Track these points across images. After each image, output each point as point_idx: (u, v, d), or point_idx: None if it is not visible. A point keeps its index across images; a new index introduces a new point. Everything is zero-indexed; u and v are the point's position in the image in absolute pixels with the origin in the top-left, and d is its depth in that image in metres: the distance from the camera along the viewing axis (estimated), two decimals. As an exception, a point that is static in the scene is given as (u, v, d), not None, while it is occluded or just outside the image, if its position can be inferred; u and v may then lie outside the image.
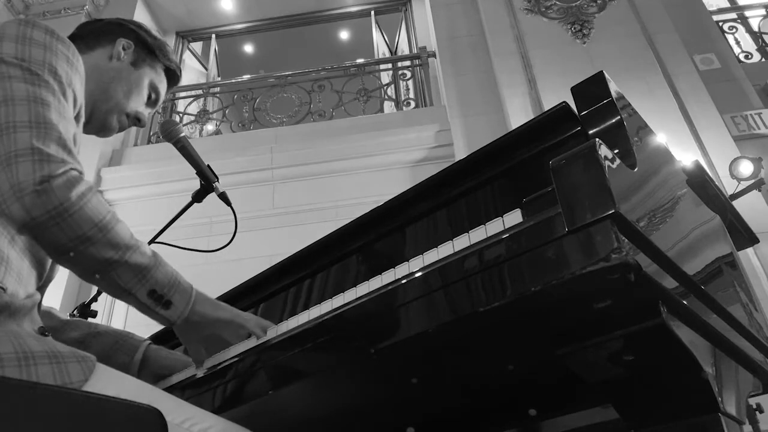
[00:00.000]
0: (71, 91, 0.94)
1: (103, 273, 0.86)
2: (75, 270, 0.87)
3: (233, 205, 1.40)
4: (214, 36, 6.36)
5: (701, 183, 1.13)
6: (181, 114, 5.35)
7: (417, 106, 5.06)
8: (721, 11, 5.38)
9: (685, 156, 3.37)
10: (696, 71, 4.32)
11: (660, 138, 1.05)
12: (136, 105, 1.17)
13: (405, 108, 5.05)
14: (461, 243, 0.79)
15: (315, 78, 5.29)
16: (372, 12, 6.17)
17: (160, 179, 4.45)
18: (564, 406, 1.05)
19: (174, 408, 0.79)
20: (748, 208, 3.14)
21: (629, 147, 0.81)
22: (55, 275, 0.99)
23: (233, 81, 5.61)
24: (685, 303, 0.71)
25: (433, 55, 5.20)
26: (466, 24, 4.93)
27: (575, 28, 4.48)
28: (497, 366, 0.88)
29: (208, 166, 1.41)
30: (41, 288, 0.93)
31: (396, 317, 0.76)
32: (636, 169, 0.76)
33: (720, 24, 5.10)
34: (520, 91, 4.24)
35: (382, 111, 5.20)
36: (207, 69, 6.20)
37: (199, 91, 5.56)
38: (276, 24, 6.37)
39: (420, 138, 4.48)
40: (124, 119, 1.16)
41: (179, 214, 1.52)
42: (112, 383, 0.79)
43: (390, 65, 5.45)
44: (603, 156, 0.65)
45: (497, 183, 1.03)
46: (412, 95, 5.23)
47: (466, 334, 0.75)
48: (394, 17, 6.27)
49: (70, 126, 0.91)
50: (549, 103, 3.92)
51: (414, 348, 0.77)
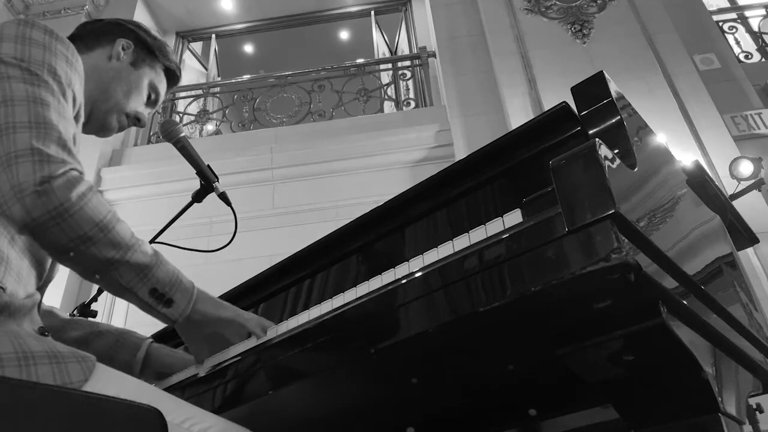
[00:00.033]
0: (71, 91, 0.94)
1: (105, 272, 0.86)
2: (76, 269, 0.87)
3: (233, 205, 1.40)
4: (214, 36, 6.36)
5: (701, 183, 1.13)
6: (181, 114, 5.35)
7: (417, 106, 5.06)
8: (721, 11, 5.38)
9: (685, 156, 3.37)
10: (696, 71, 4.32)
11: (660, 138, 1.05)
12: (135, 105, 1.17)
13: (405, 108, 5.05)
14: (461, 243, 0.79)
15: (315, 78, 5.29)
16: (372, 12, 6.17)
17: (160, 179, 4.45)
18: (564, 406, 1.05)
19: (174, 408, 0.79)
20: (748, 208, 3.14)
21: (629, 147, 0.81)
22: (55, 275, 0.99)
23: (233, 81, 5.60)
24: (685, 303, 0.71)
25: (433, 55, 5.20)
26: (466, 24, 4.93)
27: (575, 28, 4.48)
28: (497, 366, 0.88)
29: (208, 166, 1.41)
30: (41, 288, 0.93)
31: (396, 317, 0.76)
32: (636, 169, 0.76)
33: (720, 24, 5.10)
34: (520, 91, 4.24)
35: (382, 111, 5.20)
36: (207, 69, 6.20)
37: (199, 91, 5.56)
38: (276, 24, 6.37)
39: (420, 138, 4.48)
40: (123, 119, 1.16)
41: (179, 214, 1.52)
42: (112, 383, 0.79)
43: (390, 65, 5.45)
44: (603, 156, 0.65)
45: (497, 183, 1.03)
46: (412, 95, 5.23)
47: (466, 334, 0.75)
48: (394, 17, 6.27)
49: (69, 126, 0.91)
50: (549, 103, 3.92)
51: (414, 348, 0.77)
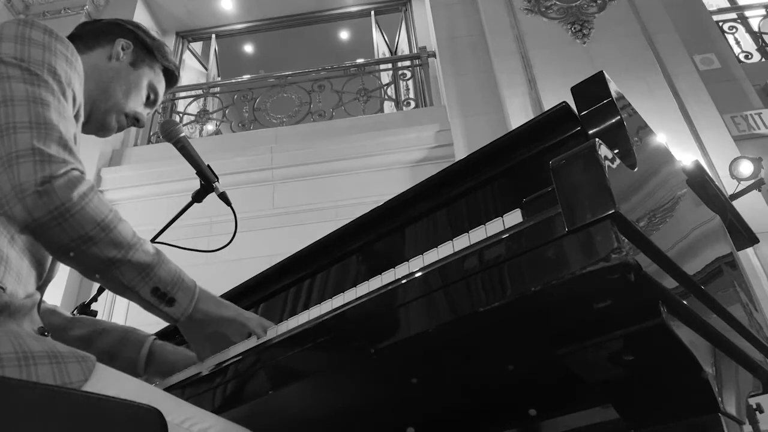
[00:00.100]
0: (70, 91, 0.94)
1: (106, 272, 0.86)
2: (77, 269, 0.87)
3: (233, 205, 1.41)
4: (214, 36, 6.35)
5: (701, 183, 1.13)
6: (181, 114, 5.35)
7: (417, 106, 5.06)
8: (721, 11, 5.38)
9: (685, 156, 3.37)
10: (696, 71, 4.32)
11: (660, 138, 1.05)
12: (134, 105, 1.18)
13: (405, 108, 5.05)
14: (461, 243, 0.79)
15: (315, 78, 5.29)
16: (372, 12, 6.17)
17: (160, 179, 4.45)
18: (564, 406, 1.05)
19: (174, 408, 0.79)
20: (748, 208, 3.14)
21: (629, 147, 0.81)
22: (55, 275, 0.99)
23: (233, 81, 5.60)
24: (685, 303, 0.71)
25: (433, 55, 5.20)
26: (466, 24, 4.93)
27: (575, 28, 4.48)
28: (497, 366, 0.88)
29: (208, 166, 1.41)
30: (41, 288, 0.93)
31: (396, 317, 0.76)
32: (636, 169, 0.76)
33: (720, 24, 5.10)
34: (520, 91, 4.24)
35: (382, 111, 5.20)
36: (207, 69, 6.20)
37: (199, 91, 5.56)
38: (276, 24, 6.37)
39: (420, 138, 4.48)
40: (123, 119, 1.16)
41: (179, 214, 1.52)
42: (111, 383, 0.79)
43: (390, 65, 5.45)
44: (603, 156, 0.65)
45: (497, 183, 1.03)
46: (412, 95, 5.23)
47: (466, 334, 0.75)
48: (394, 17, 6.27)
49: (70, 126, 0.91)
50: (549, 103, 3.92)
51: (414, 348, 0.77)
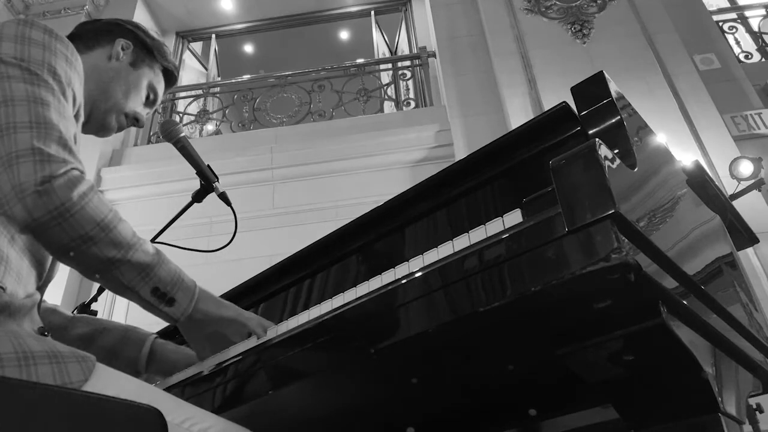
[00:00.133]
0: (70, 91, 0.94)
1: (106, 271, 0.86)
2: (77, 269, 0.87)
3: (233, 205, 1.41)
4: (214, 36, 6.35)
5: (701, 183, 1.13)
6: (181, 114, 5.35)
7: (417, 106, 5.06)
8: (721, 11, 5.38)
9: (685, 156, 3.37)
10: (696, 71, 4.32)
11: (660, 138, 1.05)
12: (134, 105, 1.18)
13: (405, 108, 5.05)
14: (461, 243, 0.79)
15: (315, 78, 5.29)
16: (372, 12, 6.17)
17: (160, 179, 4.45)
18: (564, 406, 1.05)
19: (174, 408, 0.79)
20: (748, 208, 3.14)
21: (629, 147, 0.81)
22: (55, 275, 0.99)
23: (233, 81, 5.60)
24: (685, 303, 0.71)
25: (433, 55, 5.20)
26: (466, 24, 4.93)
27: (575, 28, 4.48)
28: (497, 366, 0.88)
29: (208, 166, 1.41)
30: (41, 288, 0.93)
31: (396, 317, 0.76)
32: (636, 169, 0.76)
33: (720, 24, 5.10)
34: (520, 91, 4.24)
35: (382, 111, 5.20)
36: (207, 69, 6.20)
37: (199, 91, 5.56)
38: (276, 24, 6.37)
39: (420, 138, 4.48)
40: (122, 119, 1.17)
41: (179, 214, 1.52)
42: (112, 383, 0.79)
43: (390, 65, 5.45)
44: (603, 156, 0.65)
45: (497, 183, 1.03)
46: (412, 95, 5.23)
47: (466, 334, 0.75)
48: (394, 17, 6.27)
49: (70, 125, 0.91)
50: (549, 103, 3.92)
51: (414, 348, 0.77)
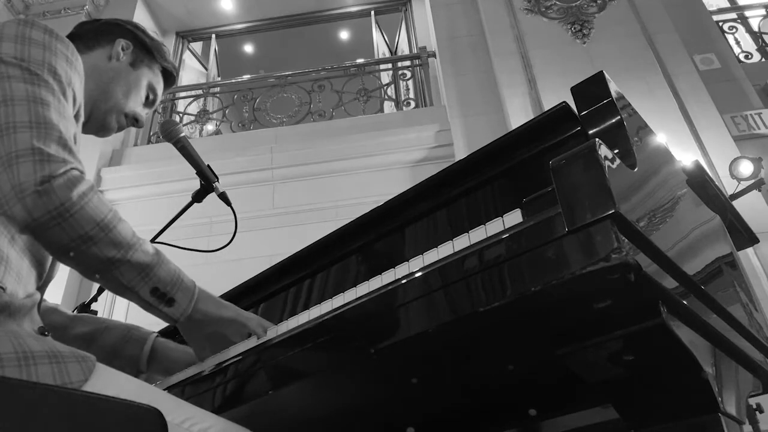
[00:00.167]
0: (71, 91, 0.94)
1: (106, 272, 0.86)
2: (77, 269, 0.87)
3: (233, 205, 1.41)
4: (214, 36, 6.35)
5: (701, 183, 1.13)
6: (181, 114, 5.35)
7: (417, 106, 5.06)
8: (721, 11, 5.38)
9: (685, 156, 3.37)
10: (696, 71, 4.32)
11: (660, 138, 1.05)
12: (134, 105, 1.18)
13: (405, 108, 5.05)
14: (461, 243, 0.79)
15: (315, 78, 5.29)
16: (372, 12, 6.17)
17: (160, 179, 4.45)
18: (564, 406, 1.05)
19: (174, 408, 0.79)
20: (748, 208, 3.14)
21: (629, 147, 0.81)
22: (55, 275, 0.99)
23: (233, 81, 5.60)
24: (685, 303, 0.71)
25: (433, 55, 5.20)
26: (466, 24, 4.93)
27: (575, 28, 4.48)
28: (497, 366, 0.88)
29: (208, 166, 1.41)
30: (41, 287, 0.93)
31: (396, 317, 0.76)
32: (636, 169, 0.76)
33: (720, 24, 5.10)
34: (520, 91, 4.24)
35: (382, 111, 5.20)
36: (207, 69, 6.20)
37: (199, 91, 5.55)
38: (276, 24, 6.37)
39: (420, 138, 4.48)
40: (122, 119, 1.17)
41: (179, 214, 1.52)
42: (112, 383, 0.79)
43: (390, 65, 5.45)
44: (603, 156, 0.65)
45: (497, 183, 1.03)
46: (412, 95, 5.23)
47: (466, 334, 0.75)
48: (394, 17, 6.27)
49: (70, 125, 0.91)
50: (549, 103, 3.92)
51: (414, 348, 0.77)
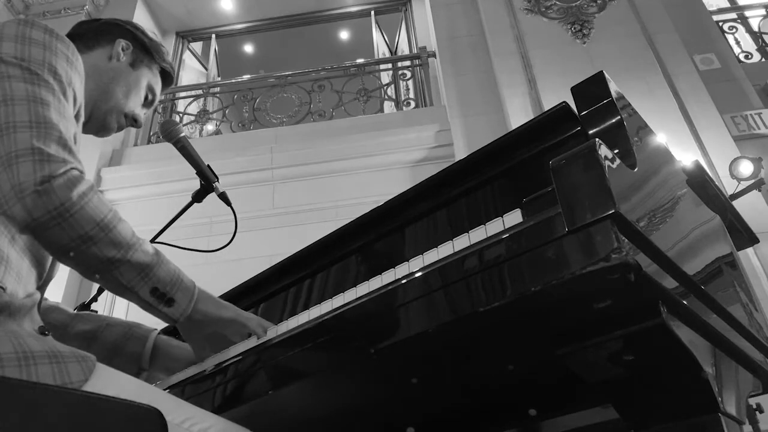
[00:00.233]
0: (71, 90, 0.94)
1: (106, 272, 0.86)
2: (77, 269, 0.87)
3: (233, 205, 1.41)
4: (214, 36, 6.35)
5: (701, 183, 1.13)
6: (181, 114, 5.34)
7: (417, 106, 5.06)
8: (721, 11, 5.38)
9: (685, 156, 3.37)
10: (696, 71, 4.32)
11: (660, 138, 1.05)
12: (134, 105, 1.18)
13: (405, 108, 5.05)
14: (461, 243, 0.79)
15: (315, 78, 5.29)
16: (372, 12, 6.17)
17: (160, 179, 4.45)
18: (564, 406, 1.05)
19: (174, 408, 0.79)
20: (748, 208, 3.14)
21: (629, 147, 0.81)
22: (55, 274, 0.99)
23: (233, 81, 5.60)
24: (685, 303, 0.71)
25: (433, 55, 5.20)
26: (466, 24, 4.93)
27: (575, 28, 4.48)
28: (497, 366, 0.88)
29: (208, 166, 1.41)
30: (41, 287, 0.93)
31: (396, 317, 0.76)
32: (636, 169, 0.76)
33: (720, 24, 5.11)
34: (520, 91, 4.24)
35: (382, 111, 5.20)
36: (207, 69, 6.20)
37: (199, 91, 5.56)
38: (276, 24, 6.37)
39: (420, 138, 4.48)
40: (122, 119, 1.17)
41: (179, 214, 1.52)
42: (112, 383, 0.79)
43: (390, 65, 5.45)
44: (603, 156, 0.65)
45: (497, 183, 1.03)
46: (412, 95, 5.23)
47: (466, 334, 0.75)
48: (394, 17, 6.27)
49: (70, 125, 0.91)
50: (549, 103, 3.92)
51: (414, 348, 0.77)
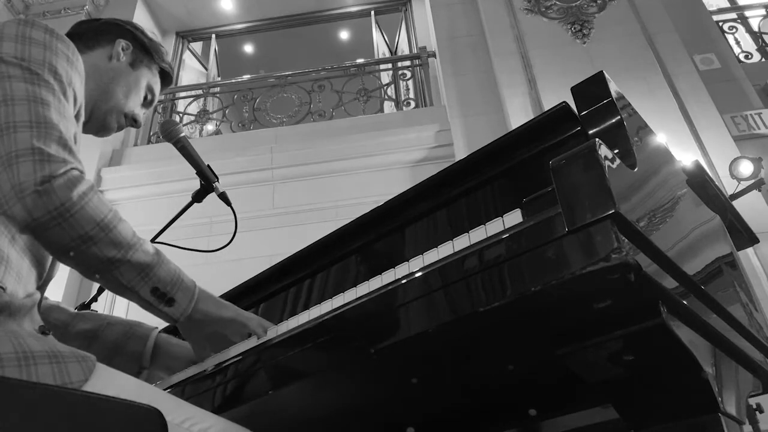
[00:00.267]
0: (71, 90, 0.94)
1: (106, 272, 0.86)
2: (77, 269, 0.87)
3: (233, 205, 1.41)
4: (214, 36, 6.35)
5: (701, 183, 1.13)
6: (181, 114, 5.34)
7: (417, 106, 5.06)
8: (721, 11, 5.38)
9: (685, 156, 3.37)
10: (696, 71, 4.32)
11: (660, 138, 1.05)
12: (134, 106, 1.19)
13: (405, 108, 5.05)
14: (461, 243, 0.79)
15: (315, 78, 5.29)
16: (372, 12, 6.16)
17: (160, 179, 4.45)
18: (564, 406, 1.05)
19: (174, 408, 0.79)
20: (748, 208, 3.14)
21: (629, 147, 0.81)
22: (56, 274, 0.99)
23: (233, 81, 5.60)
24: (685, 303, 0.71)
25: (433, 55, 5.20)
26: (466, 24, 4.93)
27: (575, 28, 4.48)
28: (497, 366, 0.88)
29: (208, 166, 1.41)
30: (41, 287, 0.93)
31: (396, 317, 0.76)
32: (636, 169, 0.76)
33: (720, 24, 5.11)
34: (520, 91, 4.24)
35: (382, 111, 5.20)
36: (207, 69, 6.20)
37: (199, 91, 5.55)
38: (276, 24, 6.37)
39: (420, 138, 4.48)
40: (122, 119, 1.17)
41: (179, 214, 1.52)
42: (112, 383, 0.79)
43: (390, 65, 5.45)
44: (603, 156, 0.65)
45: (497, 183, 1.03)
46: (412, 95, 5.23)
47: (466, 334, 0.75)
48: (394, 17, 6.27)
49: (70, 125, 0.91)
50: (549, 103, 3.92)
51: (414, 348, 0.77)
